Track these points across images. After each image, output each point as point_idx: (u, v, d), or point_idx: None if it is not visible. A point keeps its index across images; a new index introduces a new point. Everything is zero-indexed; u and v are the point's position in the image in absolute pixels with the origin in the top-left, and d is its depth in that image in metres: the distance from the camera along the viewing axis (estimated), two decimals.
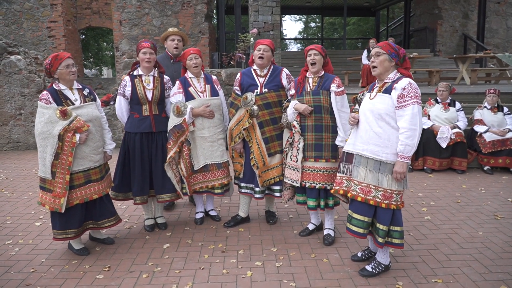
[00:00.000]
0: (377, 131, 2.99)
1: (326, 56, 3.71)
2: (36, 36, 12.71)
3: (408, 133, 2.87)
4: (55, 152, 3.30)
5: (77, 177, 3.43)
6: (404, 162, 2.91)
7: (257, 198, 4.05)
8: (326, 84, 3.61)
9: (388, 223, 3.03)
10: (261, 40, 4.00)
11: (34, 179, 6.15)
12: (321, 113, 3.59)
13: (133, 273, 3.28)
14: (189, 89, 3.99)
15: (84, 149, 3.44)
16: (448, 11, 14.15)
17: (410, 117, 2.87)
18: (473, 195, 5.10)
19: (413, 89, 2.90)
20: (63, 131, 3.30)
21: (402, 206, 3.07)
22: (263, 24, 9.06)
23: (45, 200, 3.39)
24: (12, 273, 3.29)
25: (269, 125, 3.92)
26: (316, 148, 3.62)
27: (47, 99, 3.35)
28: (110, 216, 3.72)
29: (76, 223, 3.50)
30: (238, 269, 3.32)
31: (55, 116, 3.30)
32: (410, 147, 2.88)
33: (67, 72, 3.38)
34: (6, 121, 8.39)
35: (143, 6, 12.44)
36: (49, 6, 12.64)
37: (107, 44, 23.47)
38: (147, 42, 3.84)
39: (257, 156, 3.91)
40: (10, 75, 8.23)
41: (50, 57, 3.39)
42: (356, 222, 3.12)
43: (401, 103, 2.90)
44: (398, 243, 3.09)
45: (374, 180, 3.02)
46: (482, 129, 6.29)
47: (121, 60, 12.58)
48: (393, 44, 3.06)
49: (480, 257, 3.46)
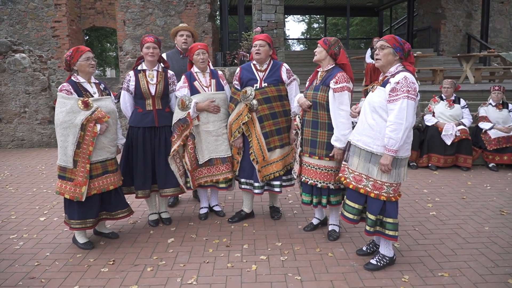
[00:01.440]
0: (371, 123, 3.03)
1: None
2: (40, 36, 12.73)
3: (393, 127, 2.87)
4: (77, 141, 3.36)
5: (95, 167, 3.49)
6: (388, 154, 2.93)
7: (256, 193, 4.03)
8: (327, 79, 3.47)
9: (376, 213, 3.07)
10: (256, 36, 3.98)
11: (38, 176, 6.16)
12: (317, 109, 3.53)
13: (138, 266, 3.27)
14: (194, 83, 3.99)
15: (103, 140, 3.52)
16: (452, 10, 14.10)
17: (398, 111, 2.86)
18: (479, 192, 5.07)
19: (407, 84, 2.87)
20: (85, 120, 3.37)
21: (395, 199, 3.07)
22: (267, 22, 9.06)
23: (64, 189, 3.43)
24: (17, 266, 3.29)
25: (269, 120, 3.90)
26: (312, 144, 3.59)
27: (68, 90, 3.42)
28: (123, 208, 3.78)
29: (94, 212, 3.56)
30: (243, 263, 3.31)
31: (77, 106, 3.38)
32: (394, 140, 2.88)
33: (87, 64, 3.48)
34: (10, 119, 8.41)
35: (147, 6, 12.45)
36: (53, 6, 12.66)
37: (111, 45, 23.52)
38: (150, 36, 3.85)
39: (257, 151, 3.90)
40: (15, 73, 8.25)
41: (71, 50, 3.48)
42: (348, 208, 3.21)
43: (392, 97, 2.90)
44: (391, 234, 3.09)
45: (365, 170, 3.07)
46: (487, 126, 6.26)
47: (124, 60, 12.60)
48: (399, 38, 3.04)
49: (486, 251, 3.43)
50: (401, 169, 3.04)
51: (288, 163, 4.01)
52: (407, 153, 3.03)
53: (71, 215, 3.53)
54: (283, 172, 3.98)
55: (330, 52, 3.49)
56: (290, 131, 3.96)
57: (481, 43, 13.09)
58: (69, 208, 3.54)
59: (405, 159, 3.04)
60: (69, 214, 3.54)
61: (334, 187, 3.55)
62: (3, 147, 8.55)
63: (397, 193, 3.09)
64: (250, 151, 3.95)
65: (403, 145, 2.96)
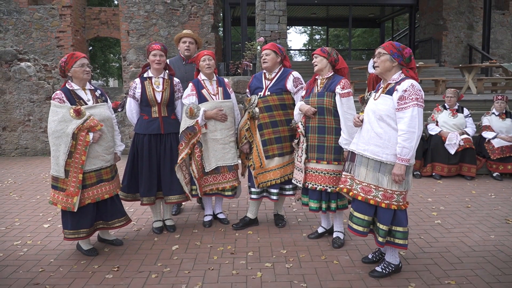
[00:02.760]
0: (378, 132, 3.00)
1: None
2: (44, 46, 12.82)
3: (406, 136, 2.86)
4: (69, 150, 3.31)
5: (89, 177, 3.43)
6: (402, 164, 2.89)
7: (252, 198, 4.08)
8: (332, 85, 3.54)
9: (388, 223, 3.02)
10: (264, 46, 4.03)
11: (42, 183, 6.16)
12: (324, 114, 3.56)
13: (142, 273, 3.26)
14: (202, 91, 4.01)
15: (97, 149, 3.45)
16: (453, 22, 14.18)
17: (409, 120, 2.85)
18: (483, 200, 5.06)
19: (415, 91, 2.87)
20: (77, 129, 3.31)
21: (404, 207, 3.05)
22: (270, 32, 9.10)
23: (57, 199, 3.39)
24: (21, 273, 3.28)
25: (269, 128, 3.92)
26: (319, 149, 3.60)
27: (60, 98, 3.37)
28: (120, 216, 3.72)
29: (88, 222, 3.49)
30: (248, 270, 3.29)
31: (69, 115, 3.32)
32: (407, 149, 2.86)
33: (82, 71, 3.42)
34: (14, 127, 8.44)
35: (151, 17, 12.55)
36: (58, 16, 12.77)
37: (114, 56, 23.67)
38: (157, 44, 3.88)
39: (255, 157, 3.94)
40: (20, 82, 8.30)
41: (66, 56, 3.45)
42: (357, 221, 3.13)
43: (401, 105, 2.89)
44: (401, 243, 3.06)
45: (374, 180, 3.02)
46: (491, 135, 6.26)
47: (128, 70, 12.66)
48: (396, 44, 3.02)
49: (493, 259, 3.41)
50: (409, 176, 3.03)
51: (289, 173, 3.97)
52: (413, 160, 3.02)
53: (64, 225, 3.49)
54: (281, 181, 3.96)
55: (330, 59, 3.58)
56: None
57: (483, 54, 13.14)
58: (63, 218, 3.50)
59: (411, 166, 3.03)
60: (63, 224, 3.51)
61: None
62: (7, 155, 8.57)
63: (405, 201, 3.08)
64: (249, 157, 3.98)
65: None
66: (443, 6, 13.96)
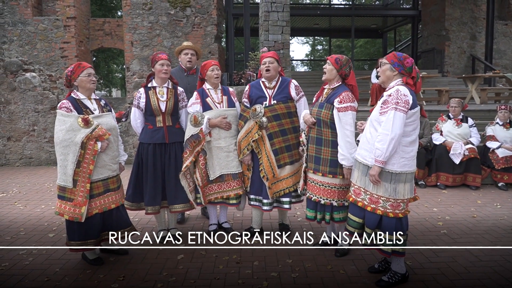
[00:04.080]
0: (368, 137, 3.11)
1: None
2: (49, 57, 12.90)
3: (379, 137, 2.94)
4: (77, 160, 3.30)
5: (97, 186, 3.43)
6: (375, 165, 2.97)
7: (265, 210, 4.03)
8: (332, 98, 3.48)
9: (373, 227, 3.08)
10: (264, 54, 4.05)
11: (47, 193, 6.17)
12: (321, 126, 3.55)
13: (148, 282, 3.25)
14: (207, 100, 4.03)
15: (104, 158, 3.46)
16: (456, 32, 14.24)
17: (385, 122, 2.93)
18: (489, 210, 5.03)
19: (398, 96, 2.92)
20: (86, 138, 3.31)
21: (393, 214, 3.02)
22: (273, 43, 9.16)
23: (64, 209, 3.36)
24: (27, 282, 3.28)
25: (279, 137, 3.93)
26: (316, 160, 3.60)
27: (67, 107, 3.38)
28: (126, 226, 3.70)
29: (95, 233, 3.48)
30: (254, 279, 3.28)
31: (77, 124, 3.32)
32: (380, 151, 2.93)
33: (88, 80, 3.44)
34: (19, 137, 8.48)
35: (154, 28, 12.65)
36: (62, 27, 12.89)
37: (117, 66, 23.82)
38: (163, 54, 3.91)
39: (267, 167, 3.91)
40: (25, 92, 8.36)
41: (73, 65, 3.47)
42: (352, 223, 3.23)
43: (383, 109, 2.97)
44: (385, 250, 3.07)
45: (362, 183, 3.12)
46: (495, 145, 6.25)
47: (131, 80, 12.73)
48: (399, 54, 3.07)
49: (500, 269, 3.39)
50: (399, 185, 3.00)
51: (299, 180, 4.00)
52: (406, 168, 2.99)
53: (71, 236, 3.44)
54: (294, 188, 3.97)
55: (341, 72, 3.52)
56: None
57: (486, 65, 13.17)
58: (69, 229, 3.45)
59: (403, 174, 2.99)
60: (70, 235, 3.45)
61: (338, 204, 3.53)
62: (11, 164, 8.59)
63: (398, 210, 3.03)
64: (260, 168, 3.96)
65: (395, 158, 2.96)
66: (445, 16, 14.03)
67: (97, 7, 18.26)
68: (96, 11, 17.71)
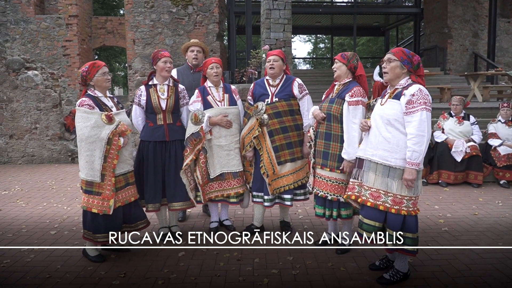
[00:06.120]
0: (386, 136, 2.99)
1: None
2: (51, 55, 12.97)
3: (415, 139, 2.86)
4: (104, 155, 3.40)
5: (119, 180, 3.54)
6: (412, 168, 2.88)
7: (266, 206, 4.04)
8: (344, 93, 3.52)
9: (398, 229, 3.00)
10: (270, 52, 4.06)
11: (49, 191, 6.19)
12: (331, 121, 3.56)
13: (149, 279, 3.26)
14: (208, 98, 4.04)
15: (124, 153, 3.58)
16: (458, 30, 14.21)
17: (418, 123, 2.86)
18: (491, 208, 5.03)
19: (423, 96, 2.89)
20: (111, 134, 3.41)
21: (414, 212, 3.01)
22: (275, 41, 9.16)
23: (92, 204, 3.44)
24: (28, 279, 3.29)
25: (279, 134, 3.93)
26: (324, 156, 3.60)
27: (90, 104, 3.46)
28: (142, 218, 3.81)
29: (119, 225, 3.60)
30: (255, 276, 3.28)
31: (101, 120, 3.42)
32: (417, 153, 2.86)
33: (104, 79, 3.54)
34: (21, 135, 8.50)
35: (156, 26, 12.66)
36: (64, 26, 12.93)
37: (119, 64, 23.85)
38: (165, 51, 3.92)
39: (267, 164, 3.92)
40: (27, 90, 8.38)
41: (87, 65, 3.53)
42: (367, 227, 3.10)
43: (410, 109, 2.90)
44: (411, 250, 3.04)
45: (383, 185, 3.01)
46: (497, 142, 6.24)
47: (133, 78, 12.76)
48: (406, 50, 3.04)
49: (501, 267, 3.38)
50: (419, 182, 3.02)
51: (301, 178, 4.01)
52: (422, 164, 3.01)
53: (96, 229, 3.49)
54: (294, 186, 3.97)
55: (350, 66, 3.55)
56: (303, 145, 3.97)
57: (488, 62, 13.14)
58: (93, 223, 3.50)
59: (421, 171, 3.02)
60: (94, 228, 3.50)
61: (345, 200, 3.52)
62: (13, 162, 8.62)
63: (416, 207, 3.04)
64: (260, 165, 3.97)
65: None
66: (448, 14, 13.99)
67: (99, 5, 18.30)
68: (98, 9, 17.74)
